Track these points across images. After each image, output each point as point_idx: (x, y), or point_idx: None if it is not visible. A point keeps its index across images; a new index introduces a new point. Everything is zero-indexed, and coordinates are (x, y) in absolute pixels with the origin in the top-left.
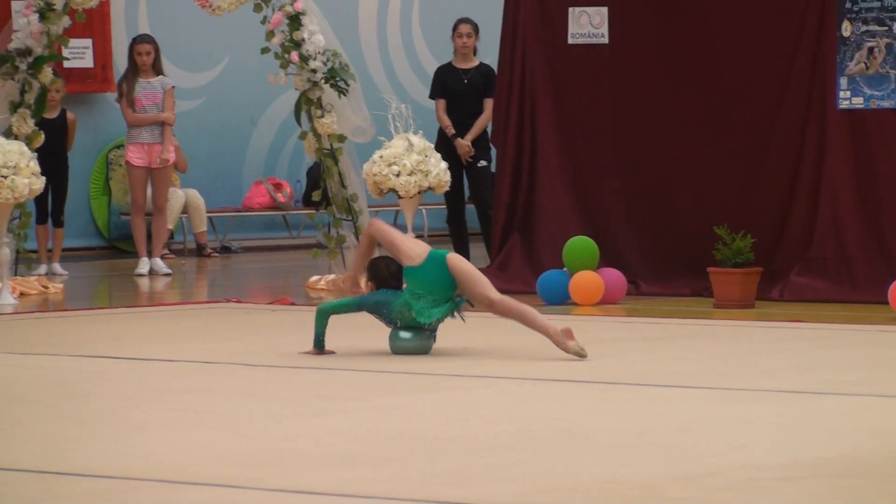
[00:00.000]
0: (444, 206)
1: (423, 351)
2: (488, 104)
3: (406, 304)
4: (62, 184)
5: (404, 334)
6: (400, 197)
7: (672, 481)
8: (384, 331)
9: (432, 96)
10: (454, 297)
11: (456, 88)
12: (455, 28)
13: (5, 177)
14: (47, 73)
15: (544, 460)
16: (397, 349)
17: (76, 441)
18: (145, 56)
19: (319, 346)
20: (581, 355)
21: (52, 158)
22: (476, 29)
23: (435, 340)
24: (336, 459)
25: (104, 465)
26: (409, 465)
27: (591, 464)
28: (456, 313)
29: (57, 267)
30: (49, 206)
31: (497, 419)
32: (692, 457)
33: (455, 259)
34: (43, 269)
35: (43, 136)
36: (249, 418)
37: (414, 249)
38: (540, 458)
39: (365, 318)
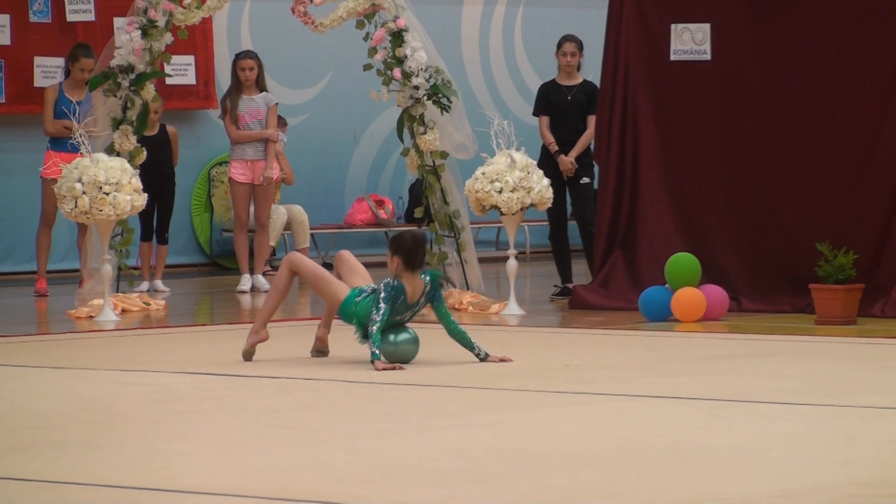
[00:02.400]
0: (546, 223)
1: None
2: (591, 121)
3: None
4: (168, 200)
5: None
6: (502, 214)
7: (774, 498)
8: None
9: (536, 113)
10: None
11: (560, 105)
12: (559, 46)
13: (108, 193)
14: (149, 90)
15: (647, 477)
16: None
17: (180, 458)
18: (248, 71)
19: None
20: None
21: (157, 175)
22: (580, 46)
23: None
24: (441, 476)
25: (208, 482)
26: (514, 482)
27: (693, 480)
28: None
29: (159, 284)
30: (154, 224)
31: (600, 436)
32: (794, 473)
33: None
34: (145, 285)
35: (145, 152)
36: (354, 435)
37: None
38: (642, 474)
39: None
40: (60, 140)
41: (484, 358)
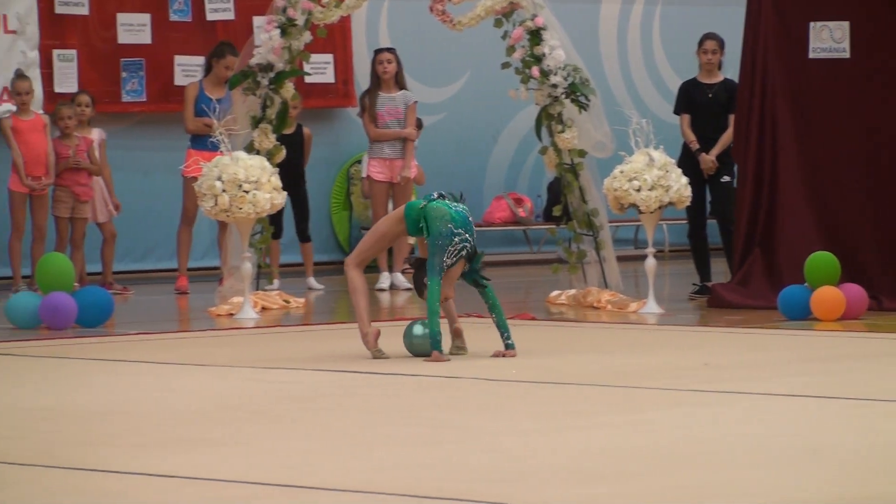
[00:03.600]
0: (685, 222)
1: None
2: (732, 119)
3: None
4: (301, 199)
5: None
6: (640, 212)
7: None
8: (616, 347)
9: (677, 111)
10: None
11: (700, 103)
12: (700, 43)
13: (247, 192)
14: (289, 89)
15: (783, 476)
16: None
17: (319, 455)
18: (387, 64)
19: (438, 348)
20: (383, 355)
21: (289, 174)
22: (721, 45)
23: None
24: (579, 475)
25: (347, 479)
26: (650, 481)
27: (829, 480)
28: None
29: (312, 282)
30: (283, 222)
31: (737, 434)
32: None
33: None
34: (275, 284)
35: (284, 150)
36: (493, 433)
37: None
38: (779, 473)
39: (597, 334)
40: (201, 138)
41: (507, 347)
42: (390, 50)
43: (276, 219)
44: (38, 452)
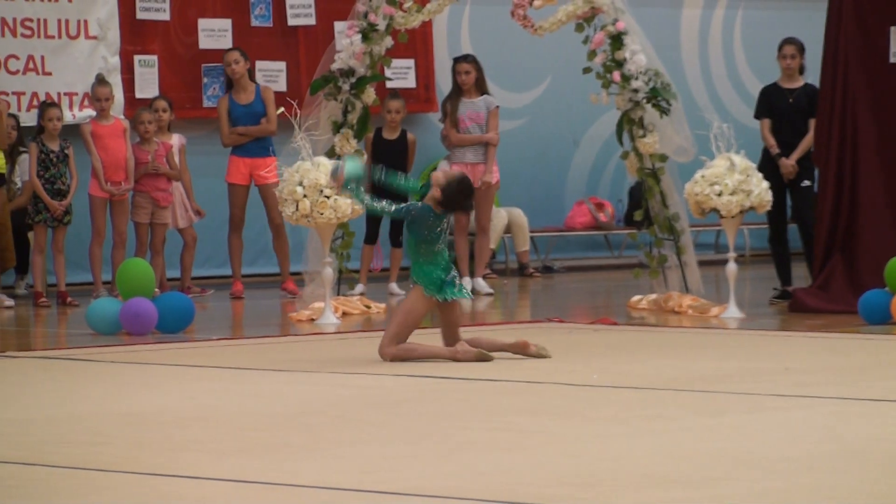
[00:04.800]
0: (765, 226)
1: None
2: (813, 124)
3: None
4: (401, 203)
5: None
6: (721, 217)
7: None
8: (697, 352)
9: (757, 116)
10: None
11: (781, 108)
12: (780, 48)
13: (328, 197)
14: (370, 94)
15: (866, 481)
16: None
17: (401, 460)
18: (465, 75)
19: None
20: (489, 357)
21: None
22: (801, 49)
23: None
24: (658, 479)
25: (428, 484)
26: (731, 485)
27: None
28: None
29: (394, 287)
30: (379, 227)
31: (819, 439)
32: None
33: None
34: (359, 288)
35: (365, 156)
36: (574, 438)
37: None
38: (862, 478)
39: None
40: (241, 145)
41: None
42: (469, 59)
43: (372, 222)
44: (122, 458)
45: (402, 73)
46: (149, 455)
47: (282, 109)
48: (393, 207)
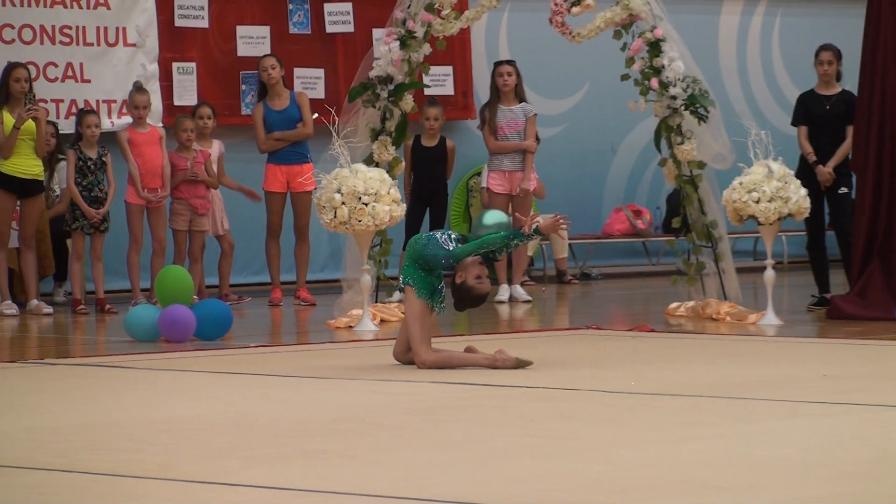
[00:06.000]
0: (803, 233)
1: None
2: (850, 131)
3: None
4: (440, 211)
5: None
6: (759, 224)
7: None
8: (734, 359)
9: (794, 123)
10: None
11: (818, 115)
12: (817, 55)
13: (366, 204)
14: (408, 101)
15: None
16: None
17: (437, 467)
18: (506, 77)
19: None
20: (527, 363)
21: (431, 185)
22: (838, 55)
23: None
24: (696, 486)
25: (465, 491)
26: (768, 492)
27: None
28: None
29: None
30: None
31: (857, 446)
32: None
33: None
34: (397, 295)
35: (403, 163)
36: (611, 445)
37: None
38: None
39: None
40: (277, 152)
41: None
42: (510, 62)
43: (410, 230)
44: (157, 465)
45: (440, 81)
46: (185, 462)
47: (317, 115)
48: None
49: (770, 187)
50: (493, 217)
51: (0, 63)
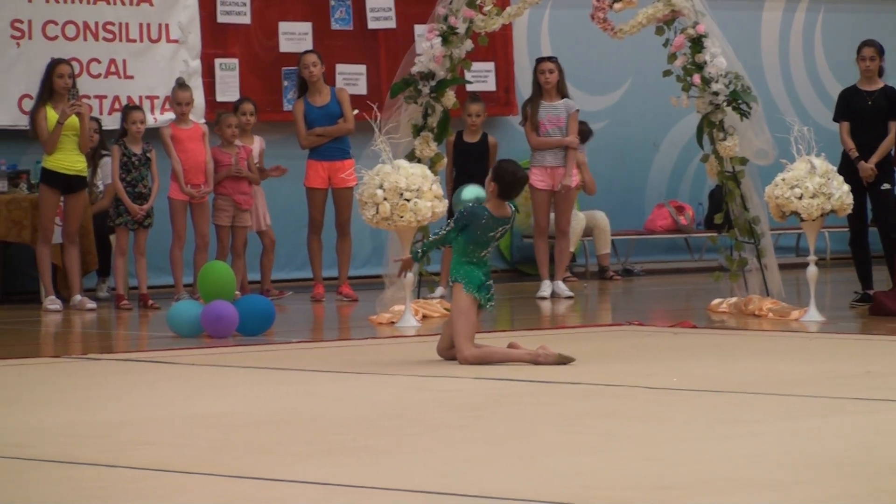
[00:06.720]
0: (846, 229)
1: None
2: (893, 127)
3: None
4: None
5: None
6: (802, 220)
7: None
8: (777, 355)
9: (836, 119)
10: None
11: (860, 111)
12: (859, 51)
13: (408, 200)
14: (450, 97)
15: None
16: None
17: (481, 464)
18: (548, 74)
19: (415, 258)
20: (569, 359)
21: (473, 181)
22: (880, 51)
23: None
24: (740, 483)
25: (508, 487)
26: (813, 489)
27: None
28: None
29: None
30: None
31: None
32: None
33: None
34: (438, 291)
35: (445, 159)
36: (654, 442)
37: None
38: None
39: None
40: (318, 148)
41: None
42: (552, 59)
43: None
44: (201, 460)
45: (482, 77)
46: (229, 457)
47: (357, 111)
48: (448, 229)
49: (813, 183)
50: (471, 192)
51: (44, 59)
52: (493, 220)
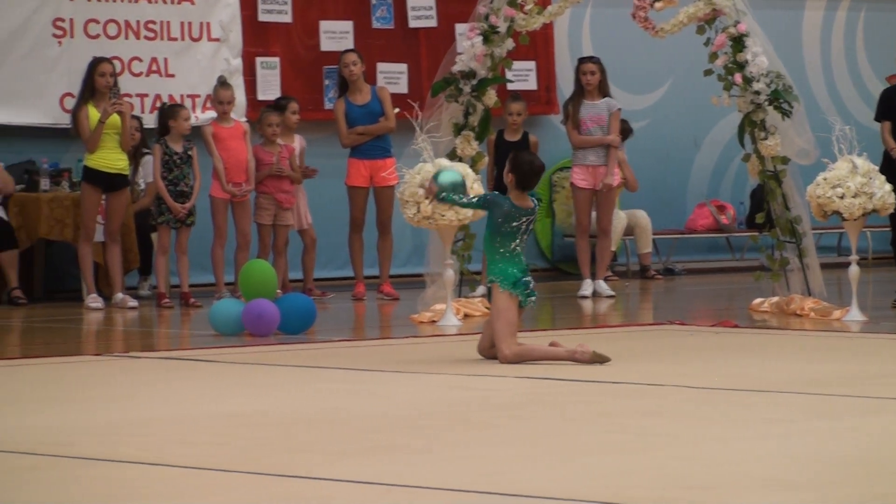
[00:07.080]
0: (888, 229)
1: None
2: None
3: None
4: None
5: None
6: (844, 219)
7: None
8: (819, 355)
9: (878, 118)
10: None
11: None
12: None
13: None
14: (491, 96)
15: None
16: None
17: (518, 462)
18: (590, 75)
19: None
20: (605, 358)
21: None
22: None
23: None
24: (778, 482)
25: (547, 486)
26: (853, 489)
27: None
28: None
29: None
30: None
31: None
32: None
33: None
34: (480, 289)
35: (486, 157)
36: (694, 441)
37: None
38: None
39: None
40: (359, 147)
41: None
42: (594, 59)
43: None
44: (241, 459)
45: (522, 76)
46: (269, 455)
47: (398, 109)
48: (471, 198)
49: (854, 183)
50: (447, 176)
51: (86, 58)
52: (516, 209)
